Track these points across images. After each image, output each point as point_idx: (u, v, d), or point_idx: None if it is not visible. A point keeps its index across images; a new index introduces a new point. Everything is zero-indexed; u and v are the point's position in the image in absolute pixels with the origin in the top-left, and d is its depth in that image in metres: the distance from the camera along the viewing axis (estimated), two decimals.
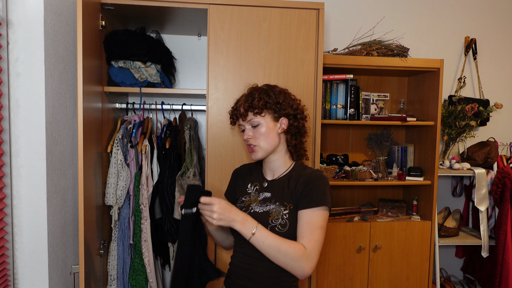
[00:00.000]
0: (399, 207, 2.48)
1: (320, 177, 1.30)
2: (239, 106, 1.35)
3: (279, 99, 1.33)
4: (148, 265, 1.90)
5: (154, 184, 1.98)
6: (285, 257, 1.18)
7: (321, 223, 1.24)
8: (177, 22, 2.09)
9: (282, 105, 1.33)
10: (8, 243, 1.46)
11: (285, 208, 1.29)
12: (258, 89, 1.36)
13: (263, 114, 1.31)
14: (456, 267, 2.84)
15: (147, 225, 1.90)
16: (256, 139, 1.32)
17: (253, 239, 1.19)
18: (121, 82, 1.90)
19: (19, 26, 1.44)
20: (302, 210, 1.25)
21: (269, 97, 1.32)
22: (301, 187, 1.28)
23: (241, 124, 1.36)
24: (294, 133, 1.37)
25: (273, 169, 1.39)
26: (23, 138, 1.47)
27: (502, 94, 2.76)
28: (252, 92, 1.35)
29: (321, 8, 1.81)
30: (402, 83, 2.62)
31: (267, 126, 1.32)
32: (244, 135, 1.34)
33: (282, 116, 1.34)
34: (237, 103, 1.37)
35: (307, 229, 1.22)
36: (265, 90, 1.34)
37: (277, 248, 1.18)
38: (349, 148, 2.61)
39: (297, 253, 1.18)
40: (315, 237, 1.21)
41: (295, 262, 1.18)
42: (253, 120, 1.32)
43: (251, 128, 1.33)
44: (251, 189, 1.41)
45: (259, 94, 1.32)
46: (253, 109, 1.30)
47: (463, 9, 2.71)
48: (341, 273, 2.25)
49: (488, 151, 2.46)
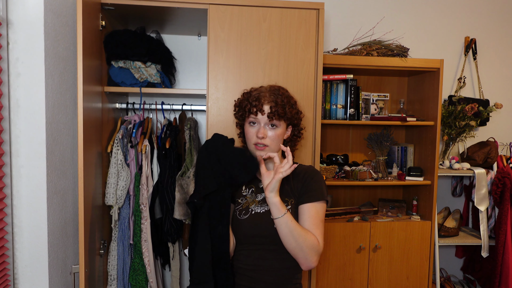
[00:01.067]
0: (399, 207, 2.48)
1: (316, 172, 1.37)
2: (263, 102, 1.32)
3: (296, 109, 1.40)
4: (148, 265, 1.90)
5: (154, 184, 1.98)
6: (303, 243, 1.23)
7: (322, 217, 1.31)
8: (177, 22, 2.09)
9: (297, 117, 1.41)
10: (8, 243, 1.47)
11: (287, 204, 1.32)
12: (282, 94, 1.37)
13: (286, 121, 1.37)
14: (456, 267, 2.84)
15: (147, 225, 1.90)
16: (270, 140, 1.33)
17: (285, 216, 1.23)
18: (121, 82, 1.90)
19: (19, 26, 1.44)
20: (304, 204, 1.30)
21: (293, 109, 1.38)
22: (300, 182, 1.34)
23: (257, 119, 1.34)
24: (290, 140, 1.44)
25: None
26: (23, 138, 1.47)
27: (502, 94, 2.76)
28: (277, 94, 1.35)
29: (321, 8, 1.81)
30: (402, 83, 2.62)
31: (282, 131, 1.36)
32: (260, 132, 1.32)
33: (291, 125, 1.41)
34: (258, 98, 1.34)
35: (313, 223, 1.27)
36: (288, 98, 1.38)
37: (300, 230, 1.23)
38: (349, 148, 2.61)
39: (314, 243, 1.24)
40: (321, 231, 1.28)
41: (310, 250, 1.23)
42: (276, 122, 1.33)
43: (268, 129, 1.34)
44: (246, 191, 1.42)
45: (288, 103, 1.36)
46: (284, 114, 1.33)
47: (463, 9, 2.71)
48: (341, 273, 2.25)
49: (488, 151, 2.46)
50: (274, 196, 1.25)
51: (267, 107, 1.32)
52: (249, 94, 1.38)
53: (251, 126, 1.36)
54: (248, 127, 1.37)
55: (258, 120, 1.34)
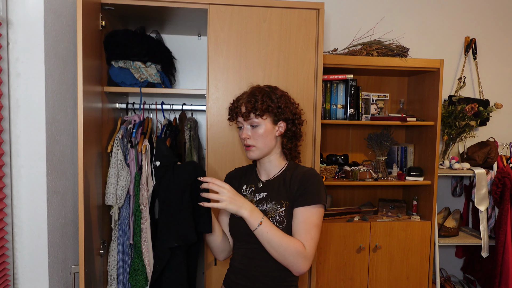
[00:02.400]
0: (399, 207, 2.48)
1: (314, 175, 1.32)
2: (240, 104, 1.35)
3: (280, 103, 1.35)
4: (148, 265, 1.90)
5: (154, 184, 1.98)
6: (285, 251, 1.21)
7: (317, 221, 1.26)
8: (177, 22, 2.09)
9: (282, 109, 1.35)
10: (8, 243, 1.46)
11: (281, 206, 1.31)
12: (261, 90, 1.36)
13: (264, 117, 1.33)
14: (456, 267, 2.84)
15: (147, 225, 1.90)
16: (254, 140, 1.33)
17: (259, 229, 1.21)
18: (121, 82, 1.89)
19: (19, 26, 1.44)
20: (297, 208, 1.27)
21: (272, 101, 1.34)
22: (296, 185, 1.30)
23: (239, 122, 1.37)
24: (290, 136, 1.39)
25: (268, 169, 1.40)
26: (23, 138, 1.47)
27: (502, 94, 2.76)
28: (255, 93, 1.35)
29: (321, 8, 1.81)
30: (402, 83, 2.62)
31: (266, 128, 1.33)
32: (242, 133, 1.35)
33: (281, 120, 1.36)
34: (238, 101, 1.37)
35: (304, 228, 1.25)
36: (268, 93, 1.35)
37: (279, 240, 1.21)
38: (349, 148, 2.61)
39: (297, 249, 1.21)
40: (312, 235, 1.24)
41: (294, 257, 1.21)
42: (254, 121, 1.33)
43: (250, 128, 1.34)
44: (246, 190, 1.42)
45: (262, 96, 1.33)
46: (256, 111, 1.31)
47: (463, 9, 2.71)
48: (341, 273, 2.25)
49: (488, 151, 2.46)
50: (238, 211, 1.23)
51: (243, 108, 1.33)
52: (235, 99, 1.40)
53: (239, 129, 1.38)
54: (239, 131, 1.39)
55: (241, 123, 1.36)
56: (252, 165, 1.51)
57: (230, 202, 1.22)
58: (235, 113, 1.37)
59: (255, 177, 1.44)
